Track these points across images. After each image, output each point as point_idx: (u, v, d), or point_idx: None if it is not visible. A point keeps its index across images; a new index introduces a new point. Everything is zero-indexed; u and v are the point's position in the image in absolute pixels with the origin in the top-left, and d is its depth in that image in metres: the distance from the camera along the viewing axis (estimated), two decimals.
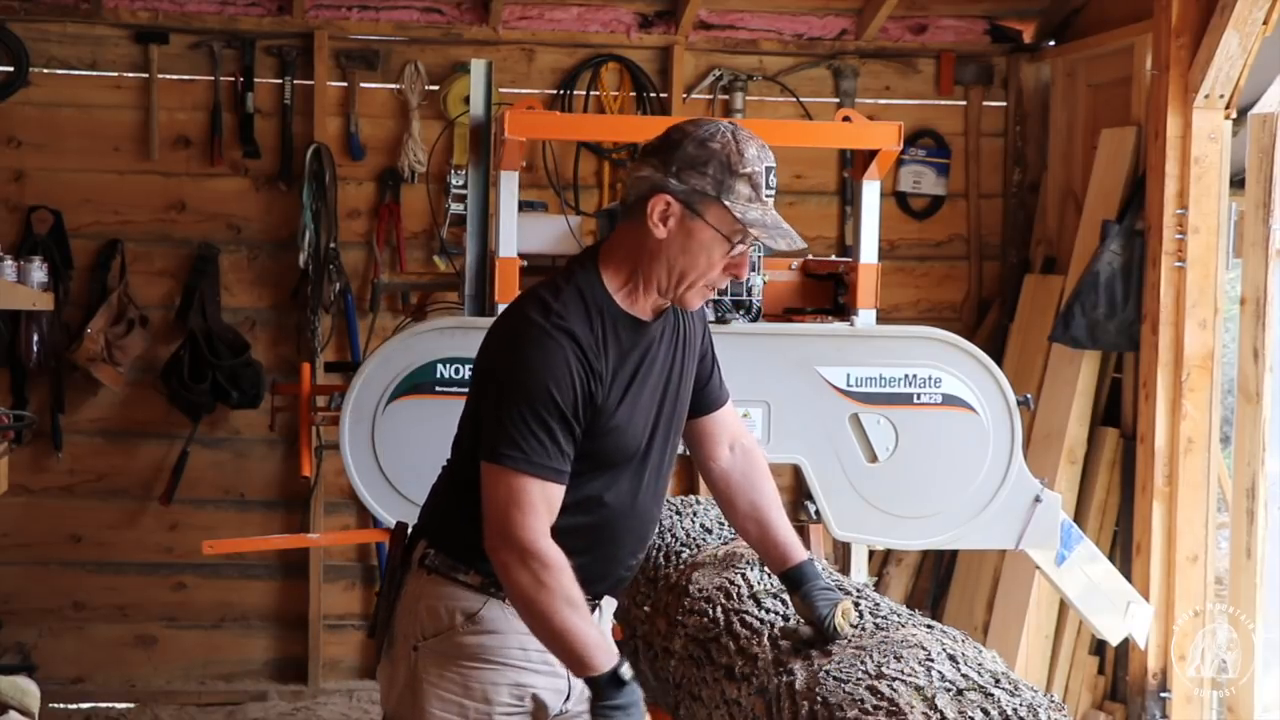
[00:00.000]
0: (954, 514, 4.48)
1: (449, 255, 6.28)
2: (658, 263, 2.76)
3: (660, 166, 2.73)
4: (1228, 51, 5.25)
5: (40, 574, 6.42)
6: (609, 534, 2.87)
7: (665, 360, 2.87)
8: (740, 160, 2.72)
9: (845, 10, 6.65)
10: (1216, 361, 5.56)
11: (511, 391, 2.69)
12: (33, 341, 6.14)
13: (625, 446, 2.81)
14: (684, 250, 2.74)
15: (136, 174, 6.38)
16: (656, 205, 2.73)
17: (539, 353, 2.69)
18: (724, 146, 2.73)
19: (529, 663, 2.86)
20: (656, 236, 2.74)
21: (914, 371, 4.42)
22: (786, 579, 2.99)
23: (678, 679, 3.32)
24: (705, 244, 2.73)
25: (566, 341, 2.70)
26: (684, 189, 2.71)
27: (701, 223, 2.72)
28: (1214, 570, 5.61)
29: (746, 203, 2.72)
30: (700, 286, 2.78)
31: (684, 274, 2.76)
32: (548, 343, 2.69)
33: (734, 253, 2.75)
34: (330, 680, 6.50)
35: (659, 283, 2.78)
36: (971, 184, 6.82)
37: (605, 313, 2.76)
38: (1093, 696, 5.95)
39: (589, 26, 6.57)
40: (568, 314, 2.72)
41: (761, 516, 3.05)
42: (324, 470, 6.34)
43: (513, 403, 2.69)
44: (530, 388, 2.68)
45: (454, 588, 2.85)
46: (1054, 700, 2.51)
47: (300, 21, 6.36)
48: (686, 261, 2.75)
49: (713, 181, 2.71)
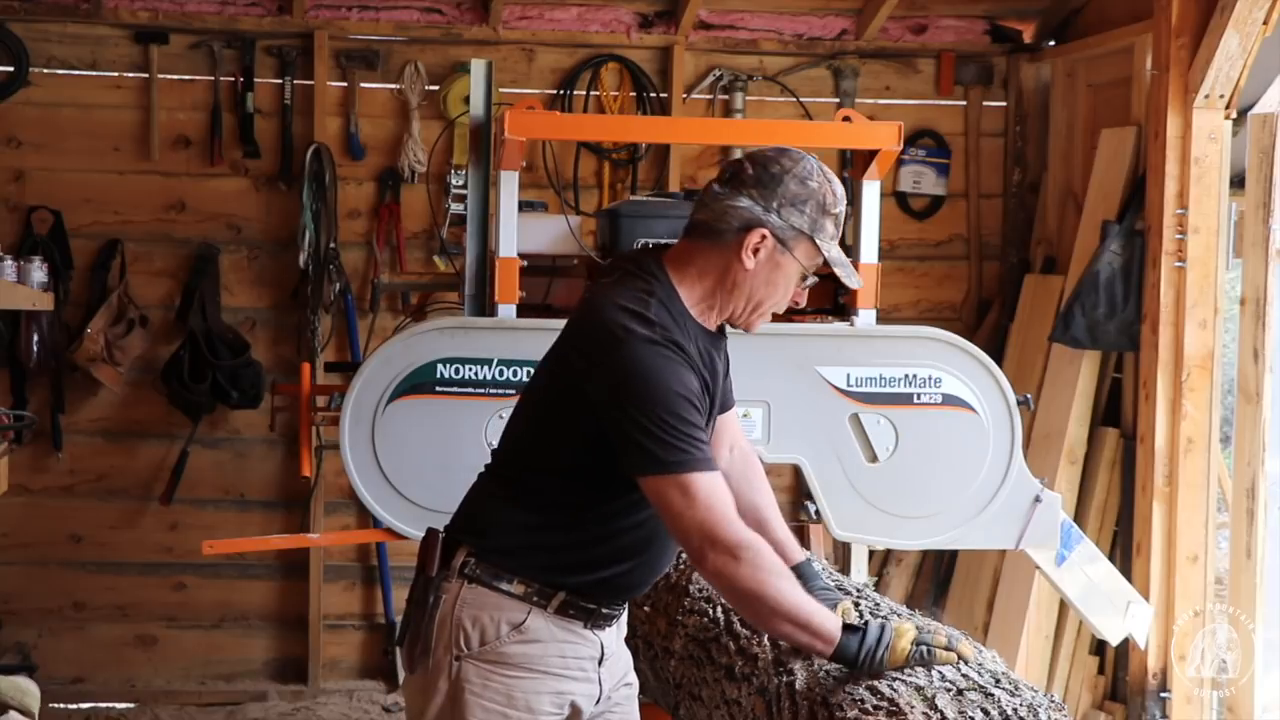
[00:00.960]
0: (954, 514, 4.48)
1: (449, 255, 6.28)
2: (739, 290, 2.84)
3: (761, 200, 2.79)
4: (1228, 51, 5.25)
5: (40, 574, 6.42)
6: (660, 541, 2.89)
7: (718, 370, 2.93)
8: (834, 200, 2.82)
9: (845, 10, 6.65)
10: (1216, 361, 5.56)
11: (650, 403, 2.70)
12: (33, 341, 6.14)
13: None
14: (767, 282, 2.83)
15: (136, 174, 6.38)
16: (753, 239, 2.79)
17: (665, 365, 2.72)
18: (820, 186, 2.82)
19: (568, 670, 2.88)
20: (745, 267, 2.81)
21: (914, 371, 4.42)
22: None
23: (678, 679, 3.32)
24: (788, 277, 2.83)
25: (679, 354, 2.74)
26: (783, 225, 2.79)
27: (790, 257, 2.81)
28: (1214, 570, 5.61)
29: (830, 240, 2.82)
30: (769, 314, 2.88)
31: (761, 303, 2.85)
32: (666, 353, 2.73)
33: (806, 284, 2.87)
34: (330, 680, 6.50)
35: (735, 308, 2.86)
36: (971, 184, 6.82)
37: (684, 322, 2.82)
38: (1093, 696, 5.95)
39: (589, 26, 6.57)
40: (671, 329, 2.77)
41: (760, 517, 3.06)
42: (324, 470, 6.34)
43: (662, 415, 2.69)
44: (673, 398, 2.70)
45: (498, 597, 2.85)
46: (1054, 700, 2.51)
47: (300, 21, 6.36)
48: (767, 292, 2.84)
49: (809, 220, 2.80)
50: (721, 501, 2.71)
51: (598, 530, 2.83)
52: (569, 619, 2.87)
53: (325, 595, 6.49)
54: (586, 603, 2.87)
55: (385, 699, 6.44)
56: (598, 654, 2.92)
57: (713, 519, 2.69)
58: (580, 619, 2.88)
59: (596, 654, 2.92)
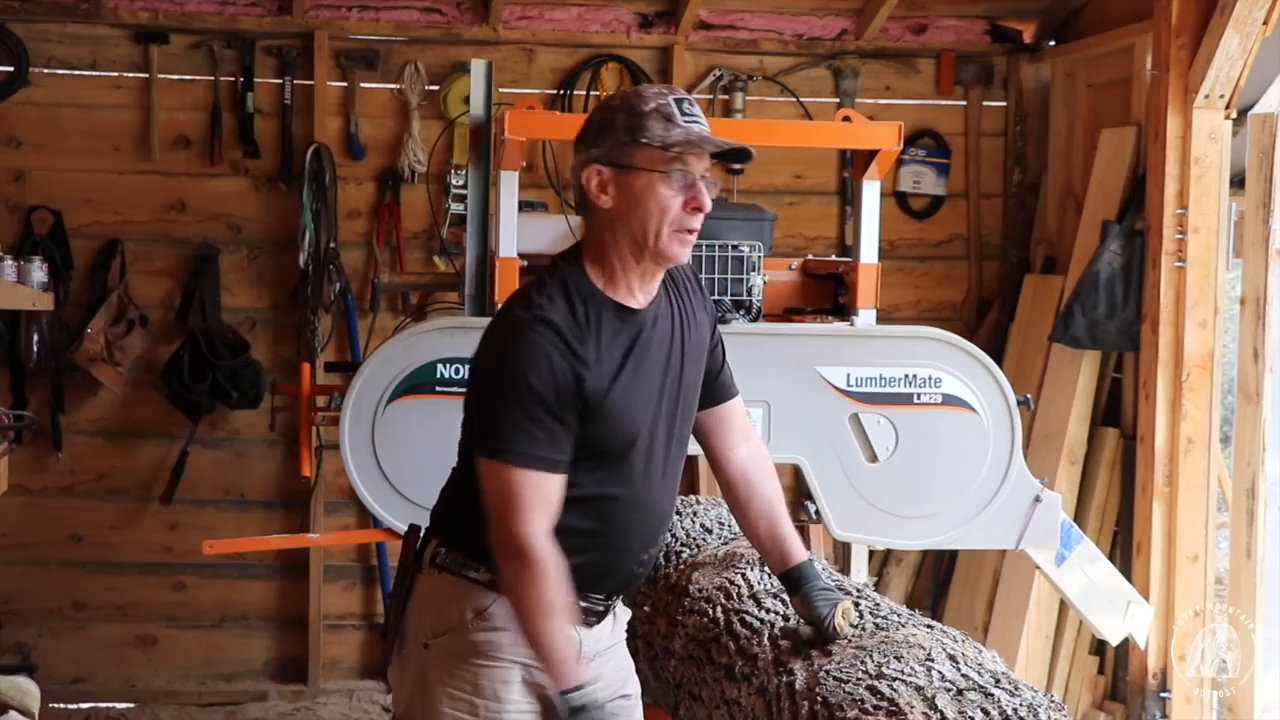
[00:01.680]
0: (954, 514, 4.48)
1: (449, 255, 6.28)
2: (620, 231, 2.79)
3: (581, 149, 2.81)
4: (1228, 51, 5.25)
5: (40, 574, 6.42)
6: (618, 526, 2.86)
7: (664, 349, 2.87)
8: (642, 101, 2.77)
9: (845, 10, 6.65)
10: (1216, 361, 5.56)
11: (496, 386, 2.73)
12: (33, 341, 6.14)
13: (623, 434, 2.81)
14: (633, 205, 2.76)
15: (136, 174, 6.38)
16: (590, 179, 2.78)
17: (520, 346, 2.71)
18: (624, 101, 2.80)
19: (539, 661, 2.86)
20: (604, 208, 2.78)
21: (914, 371, 4.42)
22: (787, 579, 2.99)
23: (678, 679, 3.32)
24: (647, 188, 2.75)
25: (546, 331, 2.72)
26: (603, 151, 2.77)
27: (634, 171, 2.75)
28: (1214, 570, 5.61)
29: (664, 132, 2.74)
30: (669, 233, 2.77)
31: (644, 226, 2.77)
32: (528, 335, 2.71)
33: (681, 185, 2.76)
34: (330, 680, 6.50)
35: (633, 251, 2.79)
36: (971, 184, 6.82)
37: (590, 301, 2.78)
38: (1093, 696, 5.95)
39: (589, 26, 6.57)
40: (549, 305, 2.75)
41: (773, 515, 3.05)
42: (324, 470, 6.34)
43: (498, 396, 2.72)
44: (513, 380, 2.70)
45: (465, 585, 2.85)
46: (1054, 700, 2.51)
47: (300, 21, 6.36)
48: (641, 214, 2.76)
49: (625, 130, 2.75)
50: (527, 503, 2.69)
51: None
52: None
53: (325, 595, 6.49)
54: None
55: (385, 699, 6.43)
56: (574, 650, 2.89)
57: (510, 512, 2.70)
58: None
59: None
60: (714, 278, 4.41)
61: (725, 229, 4.48)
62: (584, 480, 2.79)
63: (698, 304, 2.98)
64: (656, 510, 2.93)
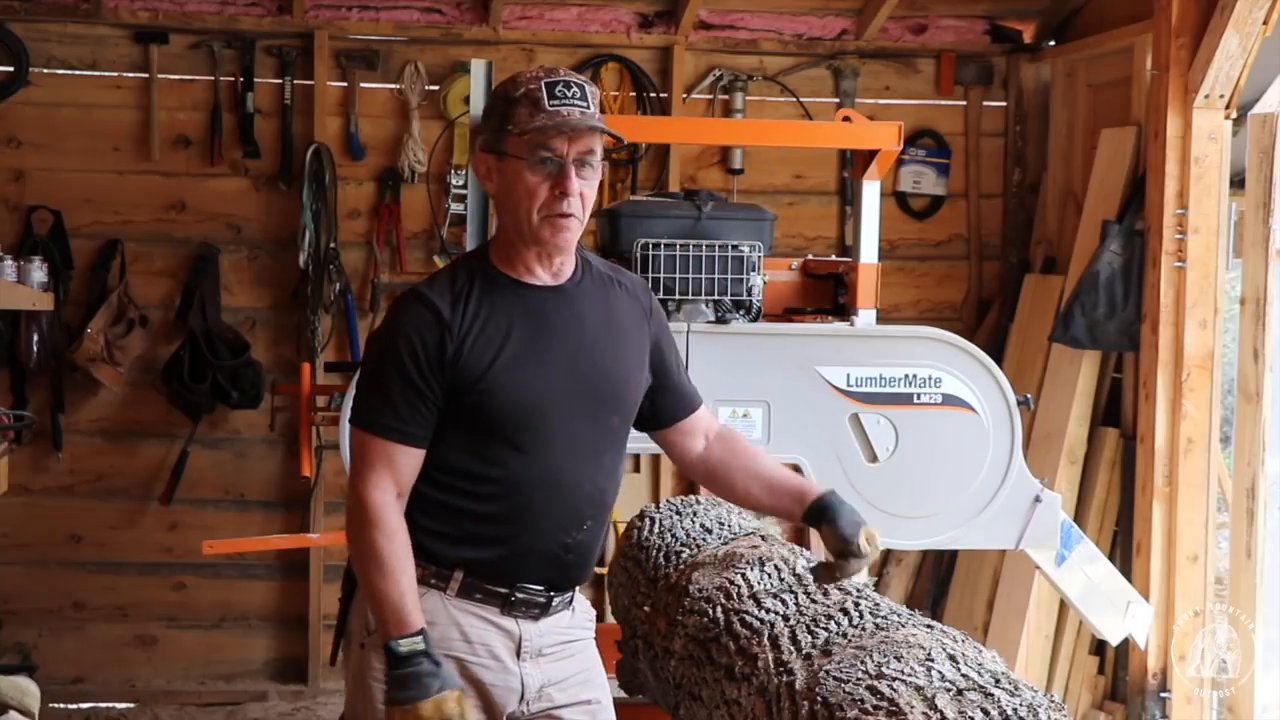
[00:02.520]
0: (954, 514, 4.48)
1: (449, 255, 6.28)
2: (505, 215, 2.86)
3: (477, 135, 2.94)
4: (1228, 51, 5.25)
5: (40, 574, 6.42)
6: (524, 506, 2.83)
7: (572, 329, 2.87)
8: (515, 87, 2.81)
9: (845, 10, 6.65)
10: (1216, 361, 5.56)
11: (367, 358, 2.90)
12: (33, 341, 6.14)
13: (517, 406, 2.80)
14: (507, 191, 2.82)
15: (136, 174, 6.38)
16: (478, 167, 2.87)
17: (391, 321, 2.84)
18: (502, 88, 2.85)
19: (476, 656, 2.85)
20: (492, 193, 2.88)
21: (914, 371, 4.42)
22: (813, 514, 2.98)
23: (678, 679, 3.32)
24: (515, 175, 2.79)
25: (414, 305, 2.81)
26: (485, 138, 2.84)
27: (508, 158, 2.80)
28: (1214, 570, 5.61)
29: (528, 118, 2.76)
30: (540, 218, 2.79)
31: (516, 212, 2.81)
32: (400, 312, 2.83)
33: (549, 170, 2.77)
34: (330, 680, 6.49)
35: (516, 235, 2.84)
36: (971, 184, 6.82)
37: (477, 275, 2.84)
38: (1093, 696, 5.95)
39: (589, 26, 6.57)
40: (429, 282, 2.86)
41: (762, 473, 3.06)
42: (324, 470, 6.33)
43: (366, 367, 2.87)
44: (379, 352, 2.83)
45: None
46: (1054, 700, 2.51)
47: (300, 21, 6.36)
48: (513, 201, 2.81)
49: (498, 119, 2.81)
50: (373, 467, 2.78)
51: (462, 504, 2.82)
52: (477, 603, 2.85)
53: (325, 595, 6.49)
54: (493, 584, 2.85)
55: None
56: (513, 644, 2.88)
57: (357, 472, 2.80)
58: (492, 603, 2.85)
59: (512, 644, 2.87)
60: (714, 278, 4.41)
61: (725, 229, 4.48)
62: (475, 454, 2.81)
63: (636, 310, 2.99)
64: (574, 491, 2.88)
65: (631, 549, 3.92)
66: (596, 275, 2.95)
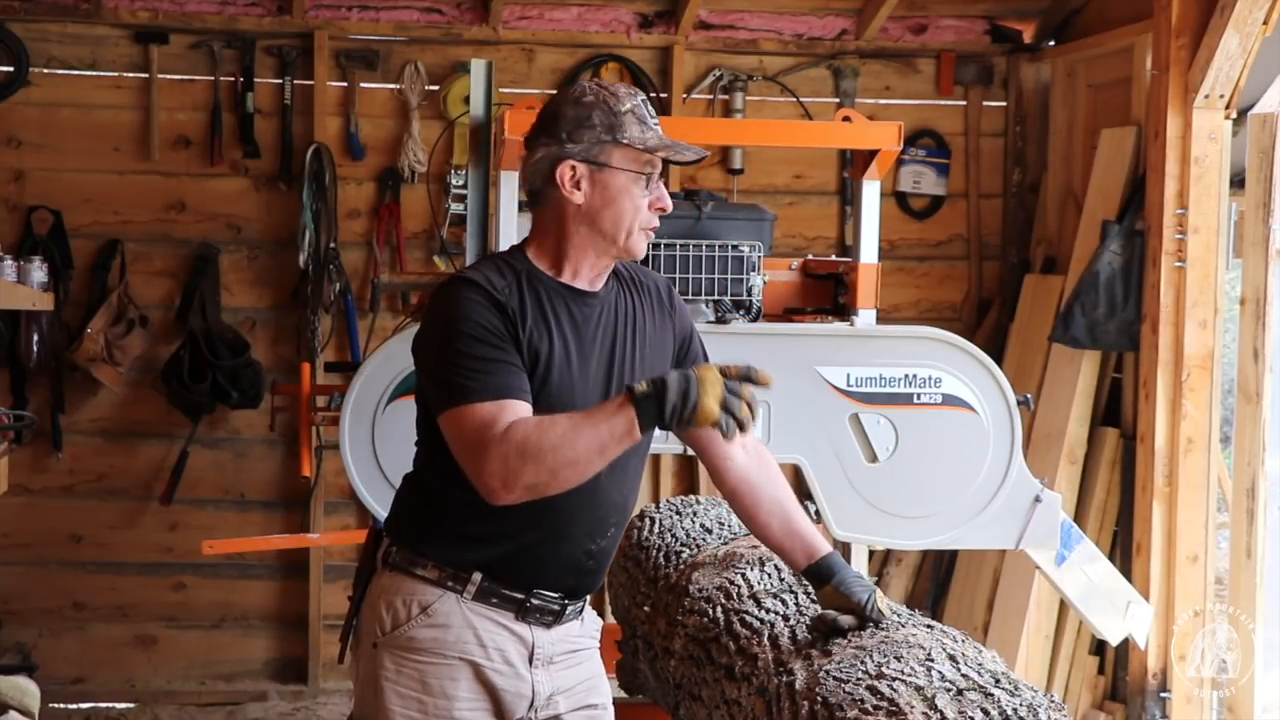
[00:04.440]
0: (954, 514, 4.48)
1: (449, 255, 6.28)
2: (586, 225, 2.81)
3: (552, 141, 2.81)
4: (1228, 51, 5.25)
5: (40, 574, 6.42)
6: (554, 510, 2.80)
7: (609, 334, 2.87)
8: (618, 101, 2.81)
9: (845, 10, 6.65)
10: (1216, 361, 5.56)
11: (438, 347, 2.74)
12: (33, 341, 6.14)
13: (560, 409, 2.74)
14: (607, 203, 2.80)
15: (136, 174, 6.38)
16: (564, 174, 2.80)
17: (450, 305, 2.75)
18: (598, 97, 2.82)
19: (489, 660, 2.84)
20: (576, 203, 2.80)
21: (914, 371, 4.42)
22: (815, 571, 2.93)
23: (678, 679, 3.32)
24: (623, 188, 2.79)
25: (470, 289, 2.75)
26: (581, 147, 2.79)
27: (611, 170, 2.79)
28: (1214, 570, 5.61)
29: (641, 134, 2.79)
30: (638, 231, 2.82)
31: (616, 224, 2.80)
32: (456, 295, 2.75)
33: (650, 187, 2.82)
34: (330, 680, 6.50)
35: (595, 245, 2.82)
36: (971, 184, 6.82)
37: (523, 274, 2.81)
38: (1093, 696, 5.95)
39: (589, 26, 6.57)
40: (473, 272, 2.81)
41: (785, 511, 3.01)
42: (324, 470, 6.34)
43: (441, 354, 2.73)
44: (450, 334, 2.72)
45: (412, 582, 2.84)
46: (1054, 700, 2.51)
47: (300, 21, 6.36)
48: (614, 213, 2.80)
49: (603, 129, 2.79)
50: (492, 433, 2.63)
51: (483, 506, 2.74)
52: (494, 608, 2.83)
53: (325, 595, 6.49)
54: (509, 589, 2.84)
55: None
56: (526, 650, 2.87)
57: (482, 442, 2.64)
58: (508, 608, 2.84)
59: (525, 650, 2.87)
60: (714, 278, 4.41)
61: (725, 229, 4.48)
62: None
63: (660, 311, 2.98)
64: (603, 497, 2.87)
65: (631, 549, 3.92)
66: (625, 279, 2.95)
